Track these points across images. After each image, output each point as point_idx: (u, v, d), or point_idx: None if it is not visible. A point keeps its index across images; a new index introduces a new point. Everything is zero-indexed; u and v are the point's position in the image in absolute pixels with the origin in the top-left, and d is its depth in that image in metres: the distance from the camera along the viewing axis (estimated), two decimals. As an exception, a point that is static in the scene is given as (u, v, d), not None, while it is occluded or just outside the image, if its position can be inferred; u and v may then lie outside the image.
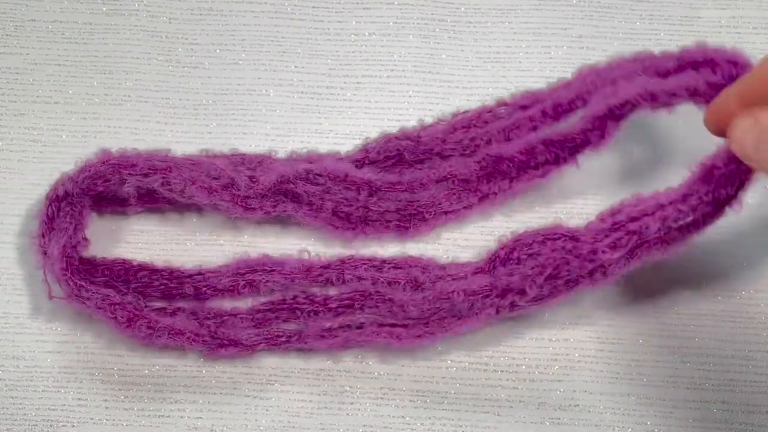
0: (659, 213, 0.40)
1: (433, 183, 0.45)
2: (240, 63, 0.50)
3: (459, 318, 0.43)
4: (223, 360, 0.44)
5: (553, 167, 0.45)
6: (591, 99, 0.43)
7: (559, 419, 0.44)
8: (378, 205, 0.45)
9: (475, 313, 0.42)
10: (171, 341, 0.42)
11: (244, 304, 0.45)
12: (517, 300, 0.42)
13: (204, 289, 0.44)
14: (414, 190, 0.45)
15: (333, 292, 0.44)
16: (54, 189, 0.44)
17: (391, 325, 0.43)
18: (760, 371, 0.44)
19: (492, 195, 0.46)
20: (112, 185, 0.43)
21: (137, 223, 0.47)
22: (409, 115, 0.49)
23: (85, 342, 0.44)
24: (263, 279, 0.44)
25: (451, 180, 0.45)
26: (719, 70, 0.40)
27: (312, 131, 0.48)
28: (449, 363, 0.44)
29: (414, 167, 0.46)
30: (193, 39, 0.50)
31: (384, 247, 0.46)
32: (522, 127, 0.45)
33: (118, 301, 0.42)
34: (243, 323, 0.43)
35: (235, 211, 0.44)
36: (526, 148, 0.44)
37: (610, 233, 0.40)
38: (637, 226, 0.40)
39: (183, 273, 0.45)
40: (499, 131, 0.46)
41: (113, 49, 0.50)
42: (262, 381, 0.44)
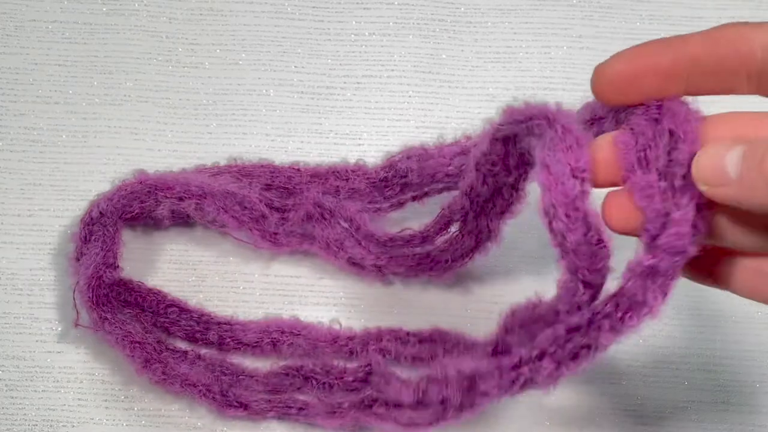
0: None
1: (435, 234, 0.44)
2: (240, 63, 0.50)
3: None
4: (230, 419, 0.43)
5: None
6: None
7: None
8: (388, 260, 0.44)
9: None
10: (183, 391, 0.42)
11: (263, 363, 0.44)
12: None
13: (228, 340, 0.44)
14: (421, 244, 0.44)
15: (355, 365, 0.43)
16: (88, 212, 0.44)
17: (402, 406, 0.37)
18: (760, 371, 0.44)
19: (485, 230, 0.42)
20: (146, 207, 0.44)
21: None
22: (409, 115, 0.49)
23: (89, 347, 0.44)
24: (288, 340, 0.44)
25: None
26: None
27: (312, 131, 0.48)
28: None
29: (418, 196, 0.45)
30: (193, 39, 0.50)
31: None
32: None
33: (138, 340, 0.42)
34: (257, 385, 0.43)
35: (263, 245, 0.45)
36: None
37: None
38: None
39: (212, 318, 0.45)
40: None
41: (113, 49, 0.50)
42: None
